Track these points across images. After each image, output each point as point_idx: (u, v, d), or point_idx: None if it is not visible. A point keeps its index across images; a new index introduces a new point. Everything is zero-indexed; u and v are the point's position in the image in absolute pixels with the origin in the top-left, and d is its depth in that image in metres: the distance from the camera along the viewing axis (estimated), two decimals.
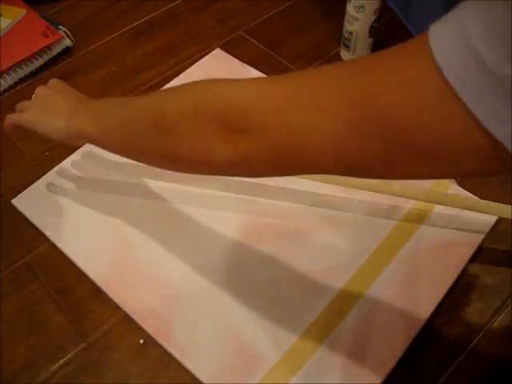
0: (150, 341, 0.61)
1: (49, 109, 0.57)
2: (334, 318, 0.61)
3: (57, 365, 0.60)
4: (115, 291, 0.64)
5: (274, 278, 0.64)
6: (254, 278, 0.65)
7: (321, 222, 0.69)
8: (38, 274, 0.67)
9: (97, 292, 0.65)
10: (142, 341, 0.61)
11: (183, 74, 0.87)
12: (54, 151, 0.79)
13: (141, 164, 0.54)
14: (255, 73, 0.87)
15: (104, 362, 0.60)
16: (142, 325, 0.62)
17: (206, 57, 0.90)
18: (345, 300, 0.62)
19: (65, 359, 0.60)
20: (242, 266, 0.66)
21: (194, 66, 0.88)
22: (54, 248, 0.69)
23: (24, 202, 0.72)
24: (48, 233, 0.69)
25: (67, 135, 0.55)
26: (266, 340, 0.60)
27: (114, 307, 0.64)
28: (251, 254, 0.67)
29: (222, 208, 0.71)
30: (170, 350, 0.60)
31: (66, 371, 0.60)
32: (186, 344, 0.60)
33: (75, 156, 0.77)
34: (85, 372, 0.59)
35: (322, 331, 0.60)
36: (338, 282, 0.64)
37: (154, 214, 0.71)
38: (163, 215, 0.71)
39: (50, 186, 0.74)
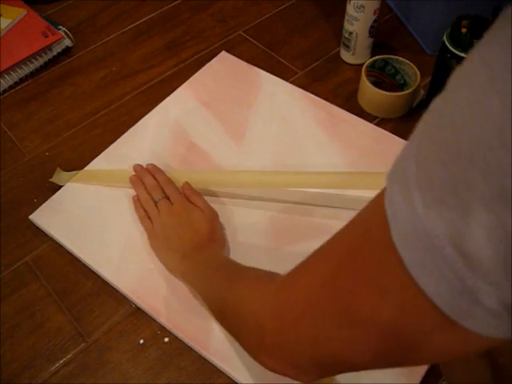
0: (150, 341, 0.61)
1: (169, 244, 0.65)
2: None
3: (57, 365, 0.60)
4: (148, 303, 0.63)
5: None
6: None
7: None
8: (38, 273, 0.67)
9: (97, 292, 0.65)
10: (141, 341, 0.61)
11: (192, 78, 0.86)
12: (53, 151, 0.79)
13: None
14: (263, 74, 0.87)
15: (104, 362, 0.60)
16: (181, 336, 0.61)
17: (213, 60, 0.89)
18: None
19: (65, 359, 0.60)
20: (273, 269, 0.65)
21: (201, 70, 0.88)
22: (54, 248, 0.69)
23: (42, 217, 0.71)
24: (73, 248, 0.68)
25: (175, 273, 0.65)
26: None
27: (114, 307, 0.64)
28: (282, 256, 0.66)
29: (251, 211, 0.71)
30: (210, 357, 0.59)
31: (65, 371, 0.60)
32: (225, 350, 0.59)
33: (90, 167, 0.76)
34: (85, 372, 0.59)
35: None
36: None
37: None
38: None
39: (67, 200, 0.72)
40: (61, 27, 0.92)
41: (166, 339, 0.61)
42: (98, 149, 0.79)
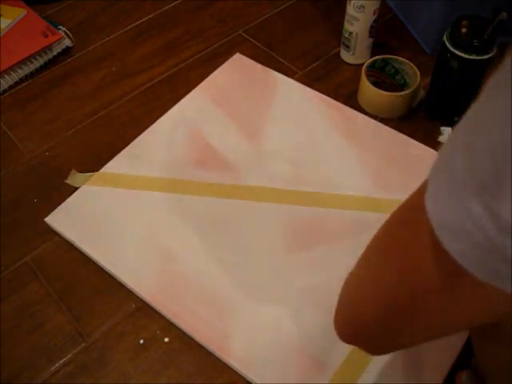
0: (150, 341, 0.61)
1: None
2: None
3: (57, 365, 0.60)
4: (167, 307, 0.63)
5: (326, 284, 0.63)
6: (305, 284, 0.64)
7: (367, 225, 0.69)
8: (38, 273, 0.67)
9: (97, 292, 0.65)
10: (142, 341, 0.61)
11: (206, 80, 0.86)
12: (53, 151, 0.79)
13: (176, 176, 0.69)
14: (278, 76, 0.87)
15: (104, 362, 0.60)
16: (200, 340, 0.61)
17: (227, 62, 0.89)
18: None
19: (65, 359, 0.60)
20: (293, 273, 0.65)
21: (216, 72, 0.87)
22: (54, 248, 0.69)
23: (58, 220, 0.70)
24: (90, 252, 0.67)
25: None
26: (325, 346, 0.59)
27: (114, 307, 0.64)
28: (301, 260, 0.66)
29: (267, 215, 0.70)
30: (232, 363, 0.59)
31: (65, 371, 0.60)
32: (246, 355, 0.59)
33: (106, 169, 0.75)
34: (85, 372, 0.60)
35: None
36: None
37: (195, 224, 0.70)
38: (205, 225, 0.70)
39: (82, 202, 0.72)
40: (61, 27, 0.92)
41: (166, 339, 0.61)
42: (98, 149, 0.79)
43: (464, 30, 0.72)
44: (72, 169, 0.76)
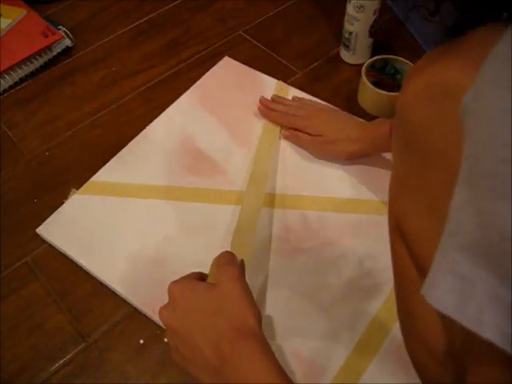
0: (150, 341, 0.61)
1: (189, 359, 0.48)
2: (388, 319, 0.61)
3: (57, 365, 0.60)
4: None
5: (321, 287, 0.63)
6: (301, 287, 0.64)
7: (362, 228, 0.68)
8: (37, 274, 0.67)
9: (97, 292, 0.65)
10: (142, 341, 0.61)
11: (195, 85, 0.86)
12: (53, 151, 0.79)
13: (168, 183, 0.69)
14: (267, 79, 0.86)
15: (104, 362, 0.60)
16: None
17: (216, 65, 0.89)
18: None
19: (65, 359, 0.60)
20: (289, 276, 0.65)
21: (205, 76, 0.87)
22: (54, 248, 0.69)
23: (49, 231, 0.69)
24: (82, 261, 0.67)
25: None
26: (324, 350, 0.59)
27: (114, 307, 0.64)
28: (296, 264, 0.66)
29: (260, 220, 0.69)
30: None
31: (66, 371, 0.60)
32: None
33: (96, 177, 0.74)
34: (85, 372, 0.59)
35: (379, 334, 0.60)
36: (385, 284, 0.63)
37: (187, 231, 0.69)
38: (198, 231, 0.69)
39: (74, 211, 0.71)
40: (61, 27, 0.92)
41: (166, 339, 0.61)
42: (98, 149, 0.79)
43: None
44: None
